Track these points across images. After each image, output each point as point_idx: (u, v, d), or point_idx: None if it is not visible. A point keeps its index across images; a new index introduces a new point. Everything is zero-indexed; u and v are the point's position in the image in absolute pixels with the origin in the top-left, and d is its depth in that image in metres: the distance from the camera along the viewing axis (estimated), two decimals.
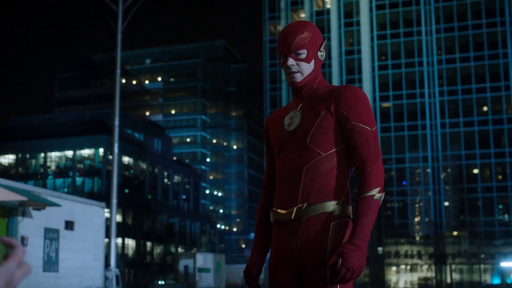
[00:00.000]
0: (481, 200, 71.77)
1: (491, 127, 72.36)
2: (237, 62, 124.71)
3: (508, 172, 71.23)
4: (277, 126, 3.40)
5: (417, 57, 75.80)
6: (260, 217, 3.53)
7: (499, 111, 72.58)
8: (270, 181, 3.52)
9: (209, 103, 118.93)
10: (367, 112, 3.18)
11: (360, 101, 3.16)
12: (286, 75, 3.34)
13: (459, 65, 74.58)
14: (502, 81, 72.86)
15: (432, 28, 75.98)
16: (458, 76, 74.41)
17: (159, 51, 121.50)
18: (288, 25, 3.36)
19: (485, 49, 73.98)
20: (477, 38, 74.54)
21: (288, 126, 3.31)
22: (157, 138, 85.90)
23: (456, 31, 75.22)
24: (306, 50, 3.26)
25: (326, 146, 3.17)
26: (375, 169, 3.14)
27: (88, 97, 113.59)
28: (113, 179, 19.46)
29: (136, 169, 76.75)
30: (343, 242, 3.11)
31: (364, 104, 3.17)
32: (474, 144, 72.75)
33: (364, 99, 3.18)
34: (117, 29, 20.39)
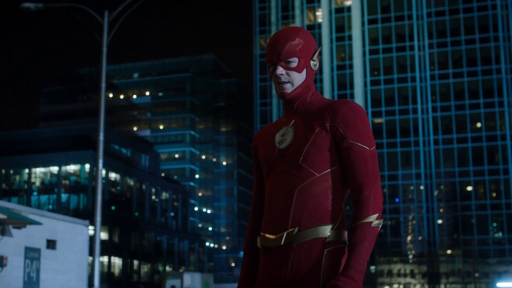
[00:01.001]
0: (475, 218, 71.69)
1: (485, 143, 72.40)
2: (227, 76, 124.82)
3: (502, 189, 71.19)
4: (267, 144, 3.17)
5: (410, 72, 75.90)
6: (249, 242, 3.28)
7: (493, 128, 72.67)
8: (259, 203, 3.29)
9: (198, 118, 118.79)
10: (366, 130, 2.97)
11: (358, 117, 2.96)
12: (275, 85, 3.13)
13: (452, 80, 74.71)
14: (496, 97, 73.01)
15: (425, 43, 76.18)
16: (451, 91, 74.52)
17: (147, 65, 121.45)
18: (278, 31, 3.15)
19: (479, 65, 74.18)
20: (470, 54, 74.75)
21: (279, 143, 3.10)
22: (145, 154, 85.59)
23: (449, 46, 75.44)
24: (297, 59, 3.05)
25: (321, 166, 2.97)
26: (373, 193, 2.92)
27: (74, 111, 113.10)
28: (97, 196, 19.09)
29: (123, 185, 76.43)
30: (338, 273, 2.86)
31: (363, 121, 2.97)
32: (468, 161, 72.75)
33: (362, 116, 2.98)
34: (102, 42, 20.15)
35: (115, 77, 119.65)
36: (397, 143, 74.48)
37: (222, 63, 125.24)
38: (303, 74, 3.08)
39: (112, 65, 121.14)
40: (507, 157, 71.56)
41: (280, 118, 3.24)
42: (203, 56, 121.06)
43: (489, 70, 73.78)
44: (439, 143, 73.77)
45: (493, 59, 73.87)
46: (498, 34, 74.12)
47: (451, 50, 75.45)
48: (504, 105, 72.58)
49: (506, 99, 72.71)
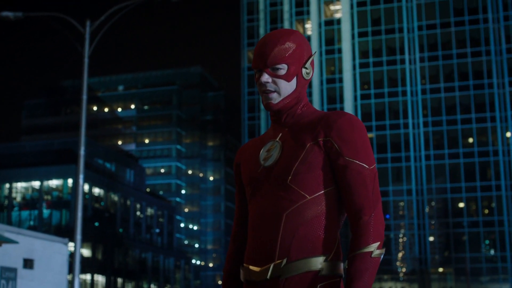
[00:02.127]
0: (467, 235, 71.59)
1: (477, 159, 72.45)
2: (214, 89, 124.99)
3: (495, 206, 71.16)
4: (250, 160, 2.88)
5: (401, 86, 75.95)
6: (228, 273, 2.96)
7: (485, 143, 72.75)
8: (240, 229, 2.99)
9: (185, 132, 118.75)
10: (365, 145, 2.69)
11: (356, 131, 2.68)
12: (260, 94, 2.85)
13: (443, 95, 74.81)
14: (488, 112, 73.12)
15: (416, 57, 76.32)
16: (443, 106, 74.59)
17: (132, 77, 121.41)
18: (268, 33, 2.85)
19: (470, 79, 74.35)
20: (462, 68, 74.93)
21: (264, 160, 2.80)
22: (130, 169, 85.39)
23: (441, 60, 75.60)
24: (286, 65, 2.75)
25: (312, 187, 2.67)
26: (373, 219, 2.63)
27: (57, 125, 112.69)
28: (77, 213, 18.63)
29: (107, 201, 76.16)
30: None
31: (361, 136, 2.69)
32: (460, 177, 72.74)
33: (361, 130, 2.70)
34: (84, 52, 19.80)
35: (99, 90, 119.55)
36: (388, 159, 74.38)
37: (210, 76, 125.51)
38: (292, 83, 2.78)
39: (97, 77, 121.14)
40: (499, 173, 71.60)
41: (267, 132, 2.95)
42: (190, 69, 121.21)
43: (481, 85, 73.94)
44: (430, 159, 73.73)
45: (485, 74, 74.06)
46: (490, 48, 74.35)
47: (442, 64, 75.59)
48: (496, 120, 72.68)
49: (498, 114, 72.83)
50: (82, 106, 19.80)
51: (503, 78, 73.79)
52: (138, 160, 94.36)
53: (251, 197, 2.81)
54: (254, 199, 2.78)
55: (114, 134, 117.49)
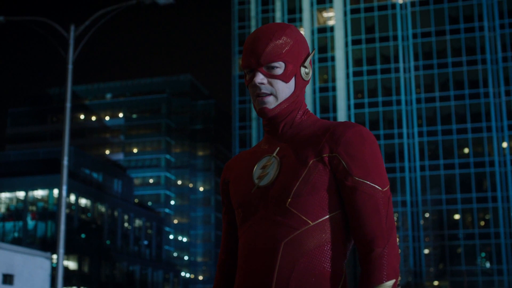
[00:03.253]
0: (462, 248, 71.48)
1: (472, 170, 72.39)
2: (204, 98, 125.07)
3: (491, 218, 71.08)
4: (242, 178, 2.51)
5: (395, 95, 75.89)
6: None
7: (481, 153, 72.73)
8: (229, 258, 2.62)
9: (174, 141, 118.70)
10: (377, 163, 2.35)
11: (368, 147, 2.34)
12: (253, 99, 2.48)
13: (438, 104, 74.79)
14: (484, 122, 73.12)
15: (410, 65, 76.31)
16: (438, 116, 74.55)
17: (121, 85, 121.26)
18: (260, 27, 2.50)
19: (466, 88, 74.35)
20: (457, 76, 74.95)
21: (258, 179, 2.43)
22: (117, 179, 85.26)
23: (436, 69, 75.60)
24: (283, 63, 2.41)
25: (316, 211, 2.32)
26: (387, 251, 2.27)
27: (42, 133, 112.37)
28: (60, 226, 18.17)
29: (93, 212, 75.96)
30: None
31: (373, 152, 2.35)
32: (455, 188, 72.65)
33: (372, 145, 2.36)
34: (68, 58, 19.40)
35: (86, 98, 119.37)
36: None
37: (200, 84, 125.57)
38: (290, 85, 2.44)
39: (84, 85, 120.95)
40: (496, 185, 71.53)
41: (260, 144, 2.59)
42: (180, 77, 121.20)
43: (477, 94, 73.98)
44: (425, 169, 73.62)
45: (480, 83, 74.10)
46: (486, 56, 74.42)
47: (437, 73, 75.58)
48: (492, 130, 72.68)
49: (494, 124, 72.82)
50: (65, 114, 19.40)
51: (499, 87, 73.83)
52: (126, 170, 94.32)
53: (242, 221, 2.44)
54: (246, 224, 2.41)
55: (101, 143, 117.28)
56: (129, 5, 20.14)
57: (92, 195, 75.25)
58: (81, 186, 72.47)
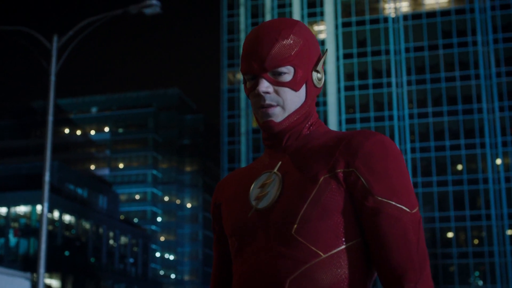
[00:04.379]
0: (456, 266, 71.39)
1: (466, 187, 72.37)
2: (193, 112, 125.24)
3: (485, 236, 70.98)
4: (236, 200, 2.11)
5: (387, 111, 75.90)
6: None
7: (475, 170, 72.73)
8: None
9: (161, 156, 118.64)
10: (404, 180, 1.93)
11: (392, 159, 1.93)
12: (255, 110, 2.09)
13: (431, 120, 74.83)
14: (477, 138, 73.17)
15: (403, 80, 76.36)
16: (431, 131, 74.57)
17: (106, 98, 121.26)
18: (262, 24, 2.10)
19: (459, 104, 74.46)
20: (451, 92, 75.05)
21: (256, 200, 2.02)
22: (103, 195, 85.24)
23: (429, 84, 75.69)
24: (292, 68, 2.03)
25: (328, 240, 1.91)
26: (419, 287, 1.86)
27: (26, 148, 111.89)
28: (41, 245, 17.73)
29: (78, 229, 75.86)
30: None
31: (398, 166, 1.94)
32: (448, 206, 72.60)
33: (397, 157, 1.94)
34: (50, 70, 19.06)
35: (71, 111, 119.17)
36: None
37: (188, 98, 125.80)
38: (301, 94, 2.07)
39: (69, 98, 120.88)
40: (490, 202, 71.50)
41: (259, 160, 2.18)
42: (168, 90, 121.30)
43: (470, 110, 74.07)
44: (418, 186, 73.52)
45: (474, 98, 74.21)
46: (479, 71, 74.58)
47: (430, 88, 75.67)
48: (486, 146, 72.74)
49: (488, 140, 72.89)
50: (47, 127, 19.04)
51: (493, 103, 73.96)
52: (111, 186, 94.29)
53: (237, 253, 2.05)
54: (242, 257, 2.02)
55: (86, 158, 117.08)
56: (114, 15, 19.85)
57: (77, 212, 75.01)
58: (65, 202, 72.34)
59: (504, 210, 71.20)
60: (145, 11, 19.54)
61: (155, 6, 19.02)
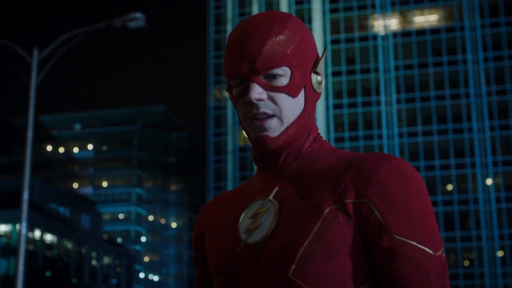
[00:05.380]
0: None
1: (456, 207, 72.41)
2: (178, 129, 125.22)
3: (475, 257, 70.97)
4: (222, 232, 1.77)
5: (377, 129, 75.94)
6: None
7: (465, 190, 72.82)
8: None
9: (146, 175, 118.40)
10: (426, 215, 1.63)
11: (412, 190, 1.62)
12: (245, 122, 1.74)
13: (421, 139, 74.90)
14: (468, 158, 73.31)
15: (392, 98, 76.49)
16: (421, 151, 74.66)
17: (90, 115, 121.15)
18: (249, 17, 1.76)
19: (449, 122, 74.64)
20: (440, 110, 75.22)
21: (247, 233, 1.69)
22: (86, 214, 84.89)
23: (418, 102, 75.84)
24: (289, 70, 1.70)
25: (333, 285, 1.62)
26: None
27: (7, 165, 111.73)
28: (18, 267, 17.31)
29: (60, 248, 75.44)
30: None
31: (420, 198, 1.63)
32: (439, 226, 72.47)
33: (419, 187, 1.63)
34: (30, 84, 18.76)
35: (54, 128, 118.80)
36: None
37: (173, 115, 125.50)
38: (299, 100, 1.73)
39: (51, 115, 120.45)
40: (480, 223, 71.57)
41: (250, 182, 1.85)
42: (153, 107, 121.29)
43: (460, 129, 74.24)
44: None
45: (464, 117, 74.39)
46: (470, 90, 74.82)
47: (420, 106, 75.82)
48: (476, 166, 72.87)
49: (478, 160, 73.02)
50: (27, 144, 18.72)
51: (483, 122, 74.14)
52: (95, 205, 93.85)
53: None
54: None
55: (69, 176, 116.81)
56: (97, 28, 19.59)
57: (59, 231, 74.49)
58: (47, 221, 71.84)
59: (495, 231, 71.21)
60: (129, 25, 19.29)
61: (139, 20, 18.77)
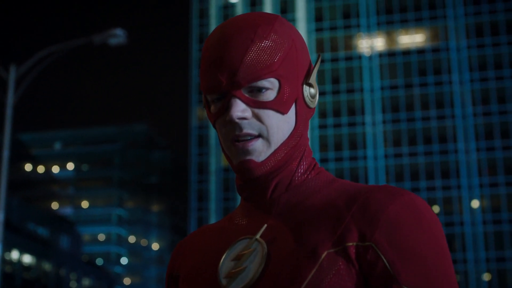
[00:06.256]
0: None
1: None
2: (160, 149, 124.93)
3: (462, 281, 70.91)
4: (199, 275, 1.52)
5: (362, 150, 75.98)
6: None
7: (450, 213, 72.87)
8: None
9: (127, 195, 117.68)
10: (443, 262, 1.35)
11: (427, 232, 1.36)
12: (225, 144, 1.49)
13: (407, 160, 75.02)
14: (454, 179, 73.39)
15: (377, 119, 76.60)
16: (407, 172, 74.74)
17: (70, 134, 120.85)
18: (228, 20, 1.51)
19: (435, 143, 74.81)
20: (426, 132, 75.39)
21: (228, 278, 1.44)
22: (65, 235, 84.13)
23: (404, 123, 75.99)
24: (276, 81, 1.45)
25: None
26: None
27: None
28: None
29: (38, 270, 74.67)
30: None
31: (436, 242, 1.36)
32: None
33: (434, 228, 1.37)
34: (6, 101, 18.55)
35: (33, 147, 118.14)
36: None
37: (155, 134, 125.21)
38: (289, 118, 1.49)
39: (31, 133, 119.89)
40: (466, 246, 71.59)
41: (234, 216, 1.59)
42: (135, 126, 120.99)
43: (446, 150, 74.41)
44: None
45: (450, 138, 74.57)
46: (455, 111, 75.07)
47: (406, 128, 75.96)
48: (462, 188, 73.00)
49: (465, 181, 73.19)
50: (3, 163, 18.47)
51: (469, 143, 74.34)
52: (74, 225, 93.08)
53: None
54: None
55: (49, 196, 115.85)
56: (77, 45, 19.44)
57: (37, 252, 73.76)
58: (25, 241, 71.11)
59: (481, 254, 71.21)
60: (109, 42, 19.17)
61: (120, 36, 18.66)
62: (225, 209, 79.36)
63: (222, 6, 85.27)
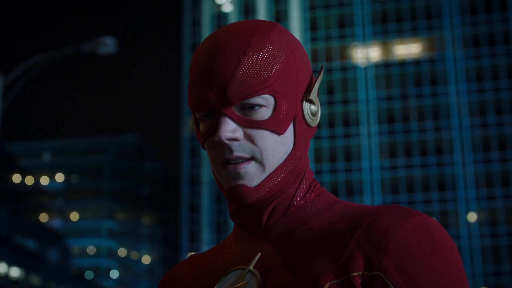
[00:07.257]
0: None
1: None
2: (152, 160, 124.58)
3: None
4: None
5: (357, 162, 75.94)
6: None
7: (446, 226, 72.77)
8: None
9: (118, 207, 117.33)
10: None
11: (442, 258, 1.22)
12: (215, 167, 1.37)
13: (403, 172, 75.01)
14: (451, 192, 73.40)
15: (372, 130, 76.62)
16: (403, 184, 74.71)
17: (60, 144, 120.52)
18: (220, 29, 1.39)
19: (431, 155, 74.84)
20: (422, 143, 75.42)
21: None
22: (54, 247, 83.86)
23: (400, 134, 76.02)
24: (272, 98, 1.32)
25: None
26: None
27: None
28: None
29: (26, 284, 74.34)
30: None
31: (452, 270, 1.22)
32: None
33: (450, 254, 1.24)
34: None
35: (21, 157, 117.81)
36: None
37: (147, 145, 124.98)
38: (287, 138, 1.36)
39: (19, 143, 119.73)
40: (463, 260, 71.38)
41: (226, 245, 1.46)
42: (125, 136, 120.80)
43: (442, 162, 74.42)
44: None
45: (446, 150, 74.62)
46: (452, 122, 75.14)
47: (402, 139, 75.98)
48: (459, 201, 72.98)
49: (462, 194, 73.16)
50: None
51: (466, 155, 74.38)
52: (63, 238, 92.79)
53: None
54: None
55: (37, 208, 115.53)
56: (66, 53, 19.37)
57: (25, 265, 73.52)
58: (13, 254, 70.94)
59: (477, 268, 71.17)
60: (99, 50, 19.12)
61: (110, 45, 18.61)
62: (218, 221, 79.20)
63: (215, 15, 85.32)
